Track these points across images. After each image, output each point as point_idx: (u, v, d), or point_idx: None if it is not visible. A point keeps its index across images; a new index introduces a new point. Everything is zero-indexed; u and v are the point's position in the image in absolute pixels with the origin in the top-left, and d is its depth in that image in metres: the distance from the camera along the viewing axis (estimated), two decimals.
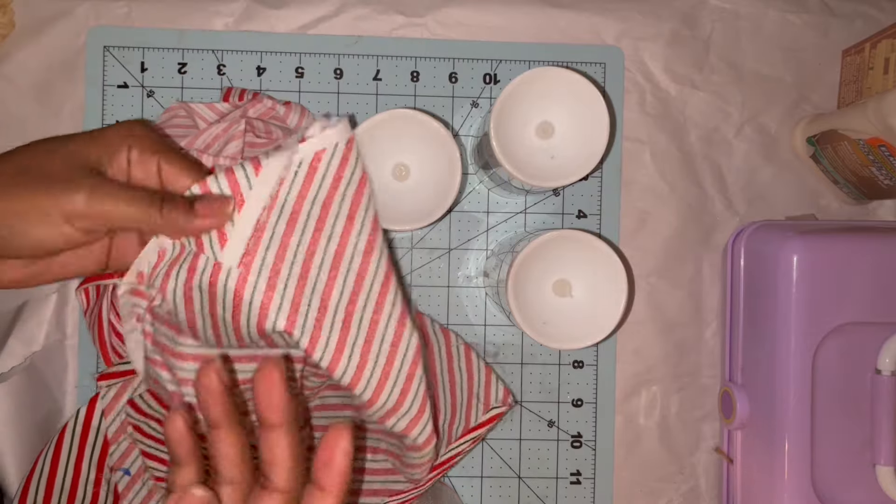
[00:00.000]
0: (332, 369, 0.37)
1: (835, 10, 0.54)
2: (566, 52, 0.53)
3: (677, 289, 0.54)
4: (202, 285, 0.36)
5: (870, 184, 0.51)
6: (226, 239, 0.35)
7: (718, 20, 0.54)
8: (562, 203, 0.53)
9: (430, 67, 0.53)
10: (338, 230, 0.37)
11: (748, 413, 0.49)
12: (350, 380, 0.37)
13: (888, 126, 0.45)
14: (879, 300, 0.45)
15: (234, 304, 0.35)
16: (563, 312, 0.45)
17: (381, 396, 0.38)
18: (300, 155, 0.36)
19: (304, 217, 0.36)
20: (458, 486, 0.53)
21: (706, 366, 0.54)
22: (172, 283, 0.36)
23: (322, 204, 0.37)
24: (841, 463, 0.46)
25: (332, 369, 0.37)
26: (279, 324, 0.36)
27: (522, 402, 0.53)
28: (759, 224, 0.50)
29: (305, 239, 0.37)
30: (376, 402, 0.38)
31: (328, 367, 0.37)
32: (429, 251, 0.53)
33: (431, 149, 0.45)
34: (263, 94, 0.50)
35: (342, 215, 0.37)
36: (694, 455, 0.54)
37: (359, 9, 0.52)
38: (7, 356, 0.48)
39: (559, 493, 0.53)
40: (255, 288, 0.35)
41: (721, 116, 0.54)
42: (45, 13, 0.51)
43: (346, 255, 0.38)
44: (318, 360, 0.36)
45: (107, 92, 0.51)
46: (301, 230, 0.36)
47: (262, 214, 0.35)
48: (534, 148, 0.46)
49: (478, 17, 0.53)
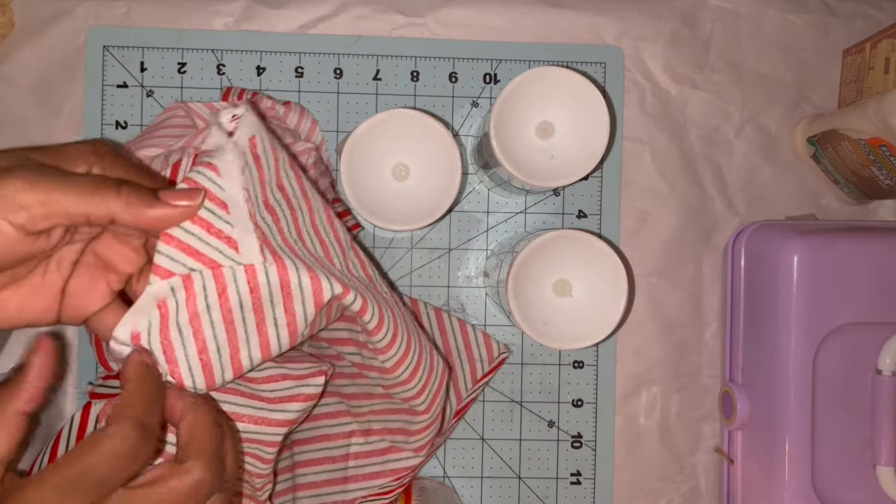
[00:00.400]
0: (378, 328, 0.39)
1: (835, 9, 0.54)
2: (566, 52, 0.53)
3: (677, 289, 0.54)
4: (242, 296, 0.33)
5: (870, 184, 0.51)
6: (234, 241, 0.33)
7: (719, 20, 0.54)
8: (562, 203, 0.53)
9: (430, 67, 0.53)
10: (303, 205, 0.38)
11: (748, 413, 0.48)
12: (389, 341, 0.40)
13: (889, 126, 0.45)
14: (880, 300, 0.45)
15: (285, 294, 0.34)
16: (563, 312, 0.45)
17: (409, 356, 0.41)
18: (241, 146, 0.35)
19: (273, 202, 0.36)
20: (458, 486, 0.53)
21: (706, 366, 0.54)
22: (206, 320, 0.33)
23: (278, 187, 0.37)
24: (841, 463, 0.46)
25: (378, 328, 0.39)
26: (335, 288, 0.36)
27: (522, 402, 0.53)
28: (760, 224, 0.50)
29: (288, 218, 0.37)
30: (402, 364, 0.41)
31: (375, 326, 0.39)
32: (429, 251, 0.53)
33: (431, 149, 0.45)
34: (263, 94, 0.50)
35: (297, 194, 0.38)
36: (694, 455, 0.54)
37: (359, 8, 0.52)
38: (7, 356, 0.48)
39: (559, 494, 0.53)
40: (297, 267, 0.34)
41: (721, 116, 0.54)
42: (44, 13, 0.51)
43: (323, 225, 0.39)
44: (367, 320, 0.38)
45: (106, 92, 0.51)
46: (281, 212, 0.36)
47: (249, 207, 0.35)
48: (534, 148, 0.46)
49: (478, 16, 0.53)
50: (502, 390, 0.53)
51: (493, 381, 0.53)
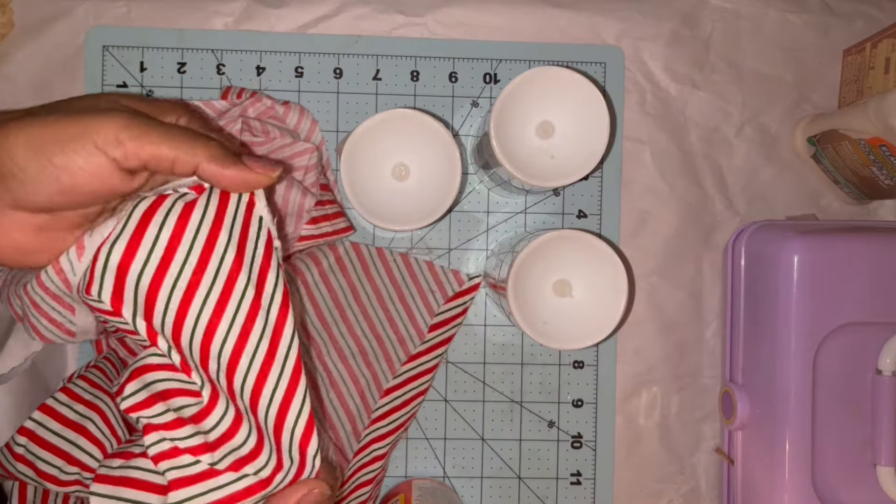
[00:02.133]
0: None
1: (835, 9, 0.54)
2: (566, 52, 0.53)
3: (677, 289, 0.54)
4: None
5: (870, 184, 0.51)
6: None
7: (719, 20, 0.54)
8: (562, 203, 0.53)
9: (430, 67, 0.53)
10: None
11: (749, 413, 0.48)
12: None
13: (889, 126, 0.45)
14: (880, 300, 0.45)
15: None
16: (563, 312, 0.45)
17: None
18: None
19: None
20: (457, 486, 0.52)
21: (707, 366, 0.54)
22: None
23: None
24: (842, 463, 0.46)
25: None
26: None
27: (522, 403, 0.53)
28: (760, 224, 0.50)
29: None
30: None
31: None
32: (429, 251, 0.53)
33: (431, 149, 0.45)
34: (263, 94, 0.50)
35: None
36: (694, 455, 0.54)
37: (359, 8, 0.52)
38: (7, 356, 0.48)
39: (559, 494, 0.53)
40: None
41: (721, 116, 0.54)
42: (44, 13, 0.51)
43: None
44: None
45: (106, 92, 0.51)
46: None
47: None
48: (534, 148, 0.46)
49: (478, 16, 0.53)
50: (502, 390, 0.53)
51: (494, 381, 0.53)
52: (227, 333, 0.30)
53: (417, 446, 0.53)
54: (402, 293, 0.52)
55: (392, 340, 0.51)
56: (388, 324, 0.51)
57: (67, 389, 0.41)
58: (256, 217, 0.32)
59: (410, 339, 0.52)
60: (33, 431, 0.39)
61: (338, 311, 0.50)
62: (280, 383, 0.31)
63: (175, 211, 0.30)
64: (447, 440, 0.52)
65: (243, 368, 0.30)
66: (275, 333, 0.31)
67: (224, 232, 0.31)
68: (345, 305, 0.50)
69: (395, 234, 0.53)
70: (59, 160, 0.28)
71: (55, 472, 0.38)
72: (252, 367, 0.30)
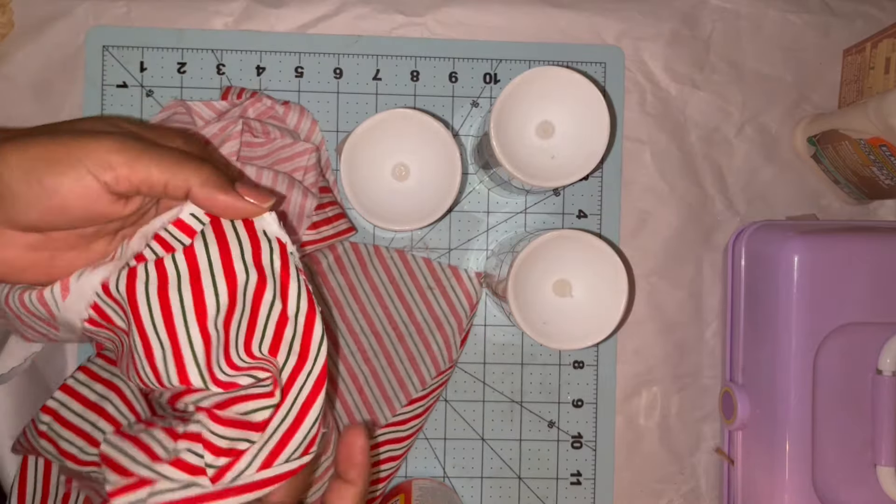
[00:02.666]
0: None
1: (835, 9, 0.54)
2: (566, 52, 0.53)
3: (677, 289, 0.54)
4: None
5: (871, 184, 0.51)
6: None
7: (719, 20, 0.54)
8: (562, 203, 0.53)
9: (430, 67, 0.53)
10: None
11: (749, 413, 0.48)
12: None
13: (889, 126, 0.45)
14: (880, 300, 0.45)
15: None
16: (563, 312, 0.45)
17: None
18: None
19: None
20: (458, 486, 0.52)
21: (707, 366, 0.54)
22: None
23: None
24: (842, 463, 0.46)
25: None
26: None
27: (522, 403, 0.53)
28: (760, 224, 0.50)
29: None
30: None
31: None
32: (429, 251, 0.53)
33: (431, 149, 0.45)
34: (263, 94, 0.50)
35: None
36: (694, 455, 0.54)
37: (359, 8, 0.52)
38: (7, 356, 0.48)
39: (559, 494, 0.53)
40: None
41: (721, 116, 0.54)
42: (44, 13, 0.51)
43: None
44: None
45: (106, 91, 0.51)
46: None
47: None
48: (534, 148, 0.45)
49: (478, 16, 0.53)
50: (502, 390, 0.53)
51: (494, 381, 0.53)
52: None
53: (417, 446, 0.52)
54: (428, 301, 0.52)
55: (423, 355, 0.51)
56: (417, 335, 0.52)
57: (86, 368, 0.42)
58: (261, 231, 0.32)
59: (441, 354, 0.52)
60: (56, 411, 0.40)
61: (360, 311, 0.51)
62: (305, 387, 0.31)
63: (181, 261, 0.31)
64: (447, 440, 0.52)
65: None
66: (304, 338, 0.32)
67: (238, 262, 0.31)
68: (367, 306, 0.51)
69: (395, 234, 0.53)
70: (49, 181, 0.28)
71: (76, 451, 0.39)
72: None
